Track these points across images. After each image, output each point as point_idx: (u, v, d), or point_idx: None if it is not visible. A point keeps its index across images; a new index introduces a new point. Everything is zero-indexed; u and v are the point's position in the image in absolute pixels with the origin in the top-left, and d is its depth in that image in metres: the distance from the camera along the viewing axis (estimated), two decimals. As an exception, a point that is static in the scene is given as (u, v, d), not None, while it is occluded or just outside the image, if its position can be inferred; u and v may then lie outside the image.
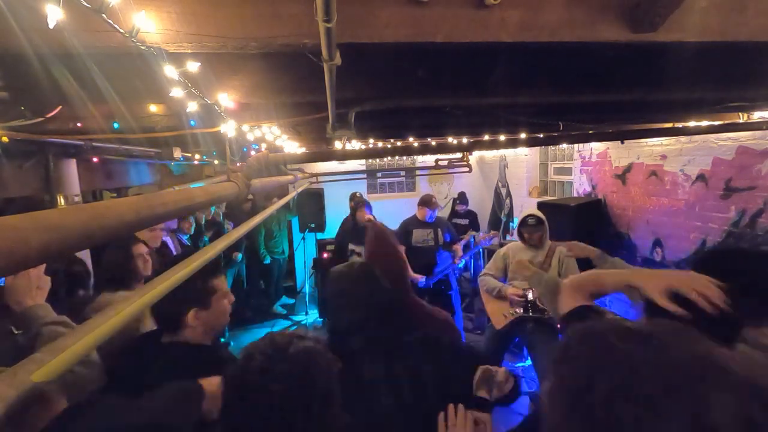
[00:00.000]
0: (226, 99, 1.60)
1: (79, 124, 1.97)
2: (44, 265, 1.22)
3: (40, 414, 0.80)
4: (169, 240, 3.38)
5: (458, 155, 6.44)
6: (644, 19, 1.31)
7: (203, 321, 1.30)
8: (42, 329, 1.13)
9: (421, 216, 4.43)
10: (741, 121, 2.94)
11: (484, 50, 1.45)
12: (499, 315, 3.09)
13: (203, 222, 4.68)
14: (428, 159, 7.03)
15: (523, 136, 3.15)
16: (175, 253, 3.35)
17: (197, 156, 3.82)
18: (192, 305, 1.28)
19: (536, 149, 6.25)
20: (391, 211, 6.17)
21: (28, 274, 1.17)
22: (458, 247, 4.46)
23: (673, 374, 0.44)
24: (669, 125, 3.27)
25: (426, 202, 4.41)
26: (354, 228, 4.41)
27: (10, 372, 0.57)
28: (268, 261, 5.68)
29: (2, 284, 1.20)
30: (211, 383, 1.04)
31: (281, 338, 0.88)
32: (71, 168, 2.48)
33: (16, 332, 1.21)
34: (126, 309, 0.80)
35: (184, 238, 4.00)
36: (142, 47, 1.06)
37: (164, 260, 2.60)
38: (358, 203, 4.47)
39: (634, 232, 4.34)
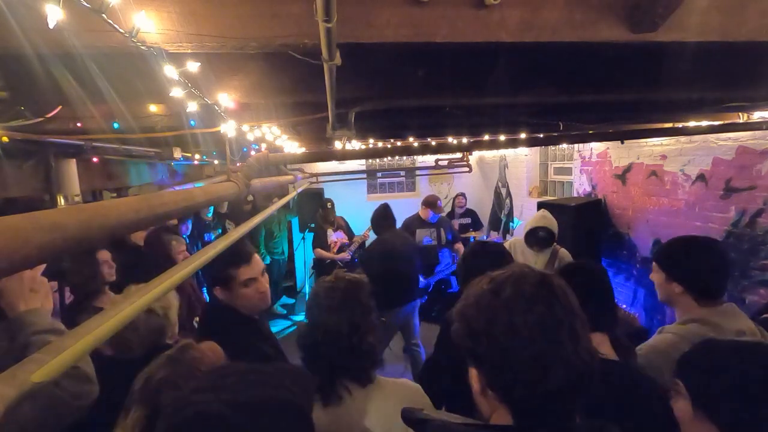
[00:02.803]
0: (226, 99, 1.60)
1: (79, 124, 1.97)
2: (41, 267, 1.15)
3: None
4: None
5: (458, 155, 6.45)
6: (644, 19, 1.31)
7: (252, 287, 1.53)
8: (31, 338, 1.01)
9: (424, 216, 4.42)
10: (741, 121, 2.95)
11: (484, 50, 1.45)
12: None
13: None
14: (428, 159, 7.03)
15: (523, 136, 3.15)
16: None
17: (197, 156, 3.82)
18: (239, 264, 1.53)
19: (536, 149, 6.25)
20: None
21: (20, 276, 1.08)
22: (460, 246, 4.46)
23: None
24: (669, 125, 3.27)
25: (430, 204, 4.39)
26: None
27: (10, 372, 0.57)
28: (267, 261, 5.69)
29: None
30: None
31: (340, 273, 1.32)
32: (71, 168, 2.48)
33: None
34: (127, 309, 0.80)
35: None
36: (142, 47, 1.06)
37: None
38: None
39: (634, 232, 4.34)
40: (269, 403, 0.67)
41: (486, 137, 3.37)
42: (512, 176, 6.80)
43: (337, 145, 3.01)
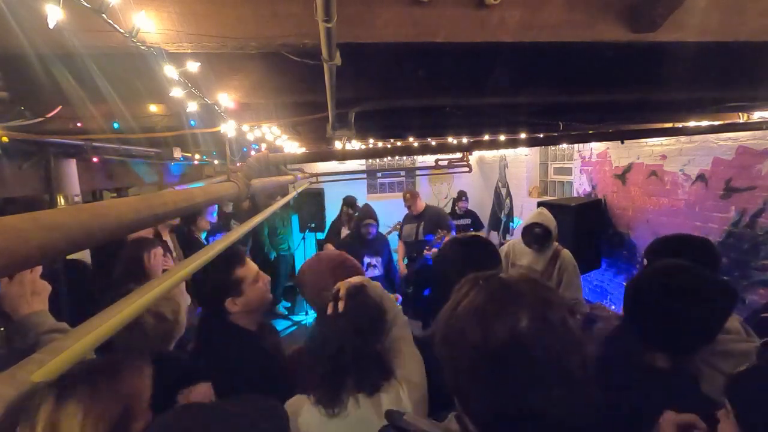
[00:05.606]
0: (226, 99, 1.60)
1: (79, 124, 1.97)
2: (39, 270, 1.15)
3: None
4: (168, 240, 3.36)
5: (458, 155, 6.44)
6: (644, 19, 1.31)
7: (242, 305, 1.47)
8: (40, 338, 1.06)
9: (409, 207, 4.54)
10: (741, 121, 2.94)
11: (484, 50, 1.45)
12: None
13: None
14: (428, 159, 7.03)
15: (523, 136, 3.15)
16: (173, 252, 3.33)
17: (197, 156, 3.82)
18: (227, 295, 1.45)
19: (536, 149, 6.25)
20: (392, 211, 6.16)
21: (21, 280, 1.10)
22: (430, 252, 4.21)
23: None
24: (669, 125, 3.27)
25: (406, 199, 4.54)
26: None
27: (10, 372, 0.57)
28: (273, 256, 5.70)
29: None
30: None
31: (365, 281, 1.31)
32: (71, 168, 2.48)
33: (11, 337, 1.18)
34: (126, 309, 0.80)
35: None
36: (142, 47, 1.06)
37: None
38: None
39: (634, 232, 4.34)
40: None
41: (486, 137, 3.37)
42: (512, 176, 6.80)
43: (337, 145, 3.01)
